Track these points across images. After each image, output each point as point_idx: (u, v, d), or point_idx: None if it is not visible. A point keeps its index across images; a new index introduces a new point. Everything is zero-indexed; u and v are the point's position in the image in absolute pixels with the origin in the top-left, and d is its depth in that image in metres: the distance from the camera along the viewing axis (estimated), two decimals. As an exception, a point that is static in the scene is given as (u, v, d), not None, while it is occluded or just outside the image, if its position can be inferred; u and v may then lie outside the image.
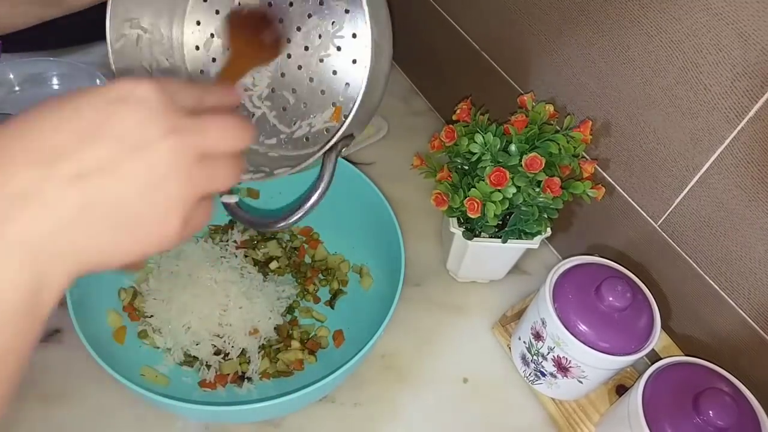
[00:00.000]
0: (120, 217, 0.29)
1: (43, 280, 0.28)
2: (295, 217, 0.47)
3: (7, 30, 0.59)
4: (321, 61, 0.48)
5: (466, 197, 0.59)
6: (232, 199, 0.53)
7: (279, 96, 0.49)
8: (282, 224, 0.49)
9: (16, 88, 0.83)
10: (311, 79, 0.48)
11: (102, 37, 0.93)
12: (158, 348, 0.62)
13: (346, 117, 0.43)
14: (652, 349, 0.56)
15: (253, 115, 0.50)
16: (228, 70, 0.43)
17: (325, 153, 0.44)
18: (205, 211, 0.33)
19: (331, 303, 0.68)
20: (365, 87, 0.41)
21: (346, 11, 0.47)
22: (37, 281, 0.27)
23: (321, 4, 0.48)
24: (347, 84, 0.47)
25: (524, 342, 0.62)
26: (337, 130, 0.43)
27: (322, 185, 0.46)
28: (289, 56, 0.48)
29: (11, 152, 0.27)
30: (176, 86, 0.32)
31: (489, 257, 0.67)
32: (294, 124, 0.49)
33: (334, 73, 0.47)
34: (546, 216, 0.61)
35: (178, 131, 0.30)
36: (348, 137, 0.45)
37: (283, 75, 0.48)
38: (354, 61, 0.46)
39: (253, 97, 0.50)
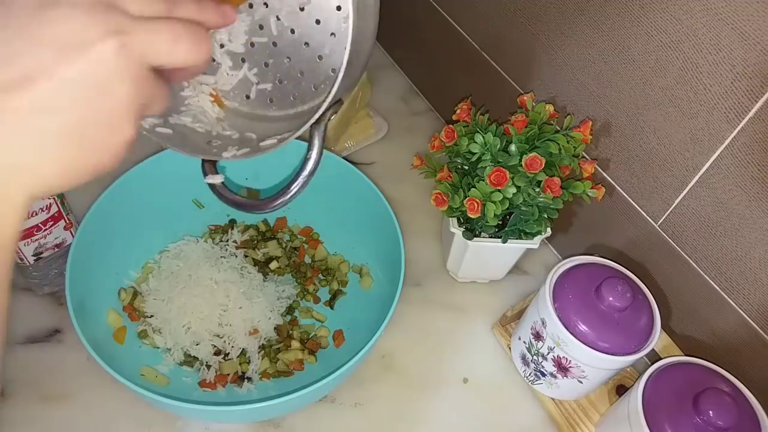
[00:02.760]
0: (69, 125, 0.27)
1: None
2: (293, 191, 0.45)
3: None
4: (302, 9, 0.45)
5: (466, 197, 0.59)
6: (217, 180, 0.51)
7: (259, 51, 0.46)
8: (279, 202, 0.46)
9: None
10: (293, 31, 0.45)
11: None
12: (158, 348, 0.62)
13: (333, 82, 0.40)
14: (652, 349, 0.56)
15: (233, 73, 0.47)
16: None
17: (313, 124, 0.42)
18: (159, 96, 0.31)
19: (330, 303, 0.68)
20: (351, 35, 0.38)
21: None
22: None
23: None
24: (332, 34, 0.44)
25: (524, 342, 0.62)
26: (326, 97, 0.40)
27: (314, 154, 0.44)
28: (266, 5, 0.45)
29: None
30: None
31: (489, 257, 0.67)
32: (278, 81, 0.47)
33: (317, 22, 0.44)
34: (546, 216, 0.61)
35: (121, 34, 0.27)
36: (336, 103, 0.42)
37: (261, 27, 0.46)
38: (338, 8, 0.43)
39: (230, 53, 0.48)
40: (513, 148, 0.60)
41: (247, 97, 0.48)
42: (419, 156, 0.66)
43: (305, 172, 0.45)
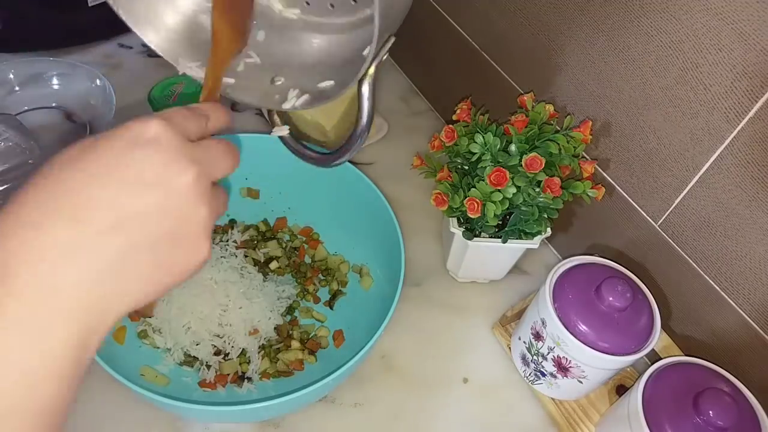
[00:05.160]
0: (158, 255, 0.30)
1: (90, 328, 0.29)
2: (355, 145, 0.47)
3: None
4: None
5: (466, 197, 0.59)
6: (284, 131, 0.54)
7: None
8: (343, 158, 0.49)
9: (16, 88, 0.83)
10: None
11: (102, 37, 0.93)
12: (158, 348, 0.62)
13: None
14: (652, 349, 0.56)
15: None
16: (213, 62, 0.43)
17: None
18: (218, 206, 0.35)
19: (330, 304, 0.68)
20: None
21: None
22: (85, 330, 0.29)
23: None
24: None
25: (524, 342, 0.62)
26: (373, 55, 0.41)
27: (366, 107, 0.44)
28: None
29: (46, 211, 0.28)
30: (182, 119, 0.33)
31: (489, 257, 0.67)
32: None
33: None
34: (546, 216, 0.61)
35: (195, 164, 0.31)
36: (388, 40, 0.42)
37: None
38: None
39: None
40: (513, 148, 0.60)
41: (308, 3, 0.48)
42: (419, 156, 0.66)
43: (361, 126, 0.45)
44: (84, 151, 0.30)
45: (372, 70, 0.42)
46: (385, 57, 0.43)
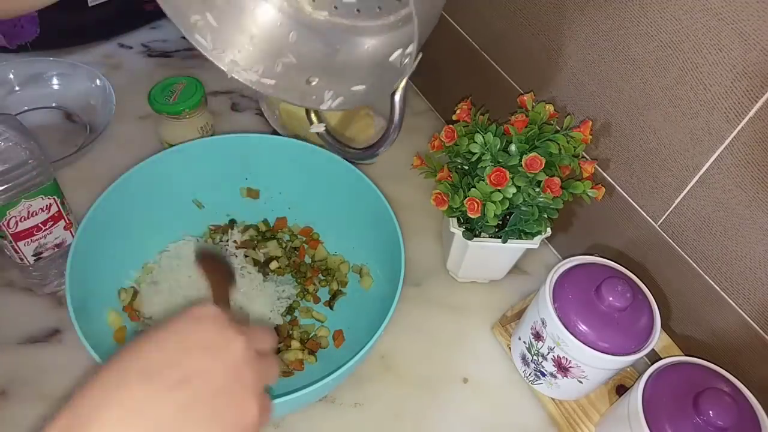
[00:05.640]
0: (215, 408, 0.35)
1: None
2: (384, 147, 0.53)
3: (18, 13, 0.62)
4: None
5: (466, 197, 0.59)
6: (321, 128, 0.60)
7: None
8: (375, 154, 0.55)
9: (16, 88, 0.83)
10: None
11: (102, 37, 0.94)
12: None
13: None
14: (652, 349, 0.56)
15: None
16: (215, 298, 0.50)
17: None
18: (267, 404, 0.40)
19: (330, 304, 0.68)
20: None
21: None
22: None
23: None
24: None
25: (524, 342, 0.62)
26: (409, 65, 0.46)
27: (398, 111, 0.50)
28: None
29: (129, 373, 0.34)
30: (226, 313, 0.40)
31: (489, 257, 0.67)
32: None
33: None
34: (546, 216, 0.61)
35: (243, 334, 0.38)
36: (417, 56, 0.47)
37: None
38: None
39: None
40: (513, 148, 0.60)
41: (336, 7, 0.51)
42: (419, 156, 0.66)
43: (394, 125, 0.51)
44: (162, 325, 0.37)
45: (404, 82, 0.47)
46: (414, 69, 0.46)
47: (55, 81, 0.84)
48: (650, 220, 0.62)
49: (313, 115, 0.61)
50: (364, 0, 0.50)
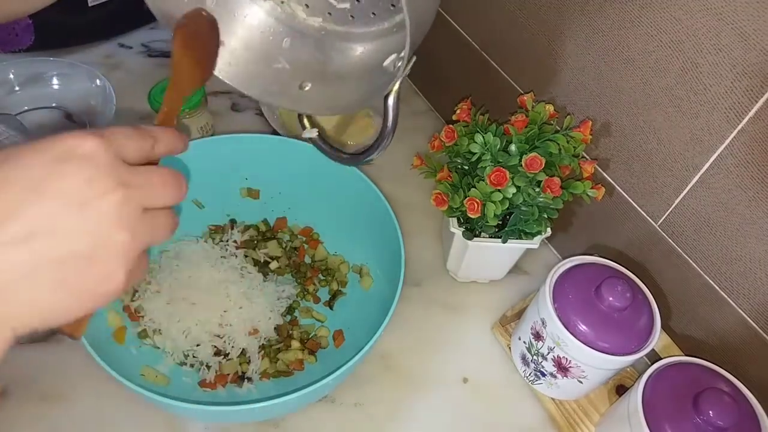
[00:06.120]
0: (65, 275, 0.29)
1: None
2: (379, 150, 0.52)
3: (18, 15, 0.60)
4: None
5: (466, 197, 0.59)
6: (314, 133, 0.59)
7: None
8: (369, 158, 0.53)
9: (16, 88, 0.83)
10: None
11: (102, 37, 0.94)
12: (158, 348, 0.62)
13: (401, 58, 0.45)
14: (652, 349, 0.56)
15: None
16: (172, 92, 0.43)
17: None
18: (143, 262, 0.34)
19: (330, 304, 0.68)
20: None
21: None
22: None
23: None
24: None
25: (524, 342, 0.62)
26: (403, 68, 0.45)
27: (392, 114, 0.49)
28: None
29: None
30: (123, 138, 0.32)
31: (489, 257, 0.67)
32: (356, 0, 0.50)
33: None
34: (546, 216, 0.61)
35: (123, 187, 0.30)
36: (410, 60, 0.46)
37: None
38: None
39: None
40: (513, 148, 0.60)
41: (330, 13, 0.51)
42: (419, 156, 0.66)
43: (387, 129, 0.50)
44: (10, 156, 0.29)
45: (397, 86, 0.47)
46: (407, 73, 0.45)
47: (55, 81, 0.84)
48: (650, 220, 0.62)
49: (305, 120, 0.60)
50: (358, 6, 0.50)
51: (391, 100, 0.48)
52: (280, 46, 0.52)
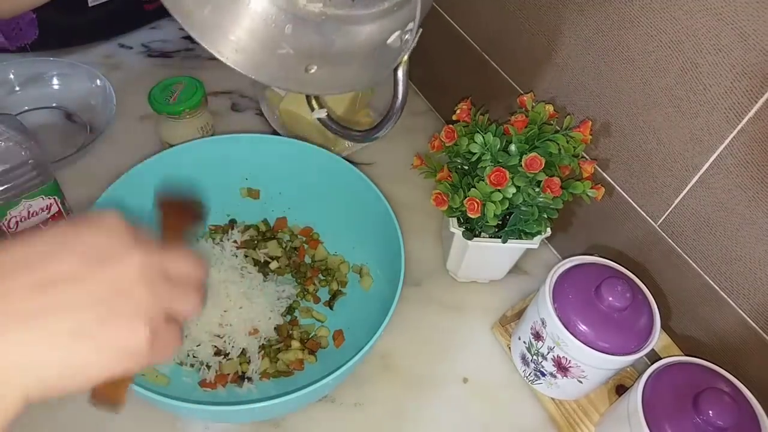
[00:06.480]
0: (81, 324, 0.28)
1: None
2: (390, 122, 0.52)
3: (17, 11, 0.61)
4: None
5: (466, 197, 0.59)
6: (322, 113, 0.61)
7: None
8: (379, 134, 0.54)
9: (17, 88, 0.83)
10: None
11: (102, 37, 0.94)
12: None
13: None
14: (652, 349, 0.56)
15: None
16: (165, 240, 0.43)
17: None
18: (174, 334, 0.33)
19: (330, 304, 0.68)
20: None
21: None
22: None
23: None
24: None
25: (524, 342, 0.62)
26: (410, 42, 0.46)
27: (401, 87, 0.50)
28: None
29: None
30: (147, 235, 0.33)
31: (489, 257, 0.67)
32: None
33: None
34: (546, 216, 0.61)
35: (143, 248, 0.31)
36: (418, 31, 0.46)
37: None
38: None
39: None
40: (513, 148, 0.60)
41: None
42: (419, 156, 0.66)
43: (396, 106, 0.51)
44: (54, 225, 0.31)
45: (406, 57, 0.47)
46: (414, 45, 0.45)
47: (55, 81, 0.84)
48: (650, 220, 0.62)
49: (314, 101, 0.61)
50: None
51: (401, 73, 0.48)
52: (283, 33, 0.52)
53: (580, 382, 0.59)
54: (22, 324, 0.27)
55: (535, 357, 0.61)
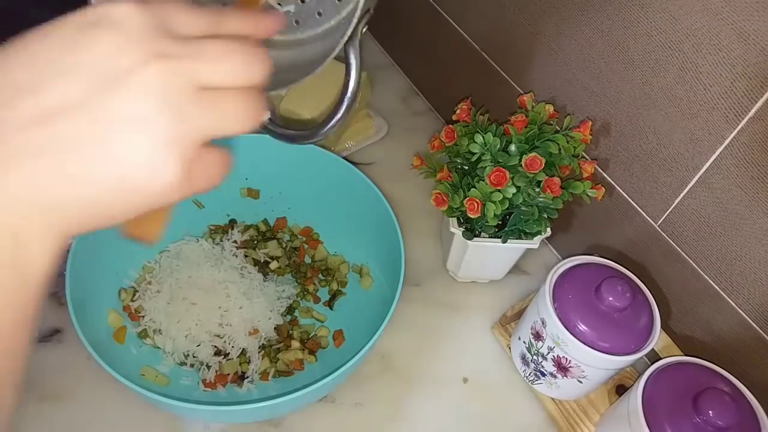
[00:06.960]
0: (97, 163, 0.24)
1: (19, 237, 0.24)
2: (339, 115, 0.44)
3: None
4: None
5: (466, 197, 0.59)
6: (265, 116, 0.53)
7: None
8: (327, 128, 0.46)
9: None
10: None
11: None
12: (158, 348, 0.62)
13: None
14: (652, 349, 0.56)
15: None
16: None
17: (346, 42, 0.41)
18: (217, 160, 0.27)
19: (330, 304, 0.68)
20: None
21: None
22: (11, 238, 0.23)
23: None
24: None
25: (524, 342, 0.62)
26: (354, 7, 0.38)
27: (354, 73, 0.42)
28: None
29: None
30: (174, 9, 0.26)
31: (489, 257, 0.67)
32: (300, 1, 0.46)
33: None
34: (546, 216, 0.61)
35: (165, 57, 0.24)
36: (366, 13, 0.40)
37: None
38: None
39: None
40: (513, 148, 0.60)
41: None
42: (419, 156, 0.66)
43: (348, 94, 0.43)
44: (37, 31, 0.25)
45: (357, 29, 0.39)
46: (364, 30, 0.41)
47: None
48: (650, 220, 0.62)
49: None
50: (302, 8, 0.45)
51: (353, 56, 0.41)
52: None
53: (580, 382, 0.59)
54: (29, 163, 0.23)
55: (535, 357, 0.61)
